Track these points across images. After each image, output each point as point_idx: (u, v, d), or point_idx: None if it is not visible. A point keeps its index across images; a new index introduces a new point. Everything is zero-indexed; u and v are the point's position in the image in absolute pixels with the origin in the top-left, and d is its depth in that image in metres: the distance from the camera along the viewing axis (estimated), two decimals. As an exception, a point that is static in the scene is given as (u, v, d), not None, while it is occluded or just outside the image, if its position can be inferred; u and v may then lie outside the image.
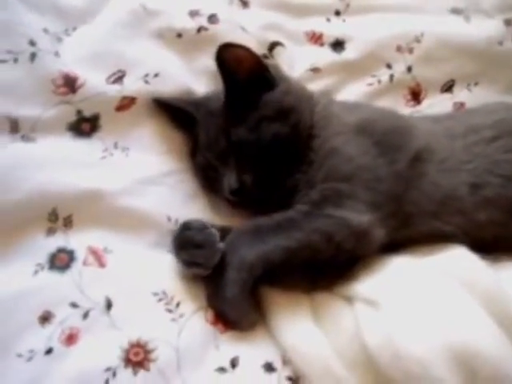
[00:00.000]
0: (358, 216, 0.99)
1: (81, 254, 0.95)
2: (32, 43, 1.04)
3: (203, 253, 0.96)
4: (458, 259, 0.97)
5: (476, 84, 1.34)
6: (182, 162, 1.12)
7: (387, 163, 1.04)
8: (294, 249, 0.96)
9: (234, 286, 0.93)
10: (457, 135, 1.10)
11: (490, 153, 1.07)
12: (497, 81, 1.35)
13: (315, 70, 1.27)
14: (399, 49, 1.31)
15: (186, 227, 1.00)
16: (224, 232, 1.01)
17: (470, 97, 1.33)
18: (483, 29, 1.36)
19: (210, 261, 0.96)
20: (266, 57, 1.24)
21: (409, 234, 1.04)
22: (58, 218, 0.97)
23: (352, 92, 1.29)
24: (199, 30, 1.19)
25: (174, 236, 1.00)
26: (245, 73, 1.06)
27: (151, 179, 1.07)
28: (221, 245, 0.97)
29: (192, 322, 0.94)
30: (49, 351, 0.85)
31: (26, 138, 1.00)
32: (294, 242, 0.96)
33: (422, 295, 0.92)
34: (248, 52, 1.05)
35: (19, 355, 0.84)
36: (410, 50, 1.31)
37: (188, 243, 0.98)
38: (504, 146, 1.07)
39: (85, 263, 0.95)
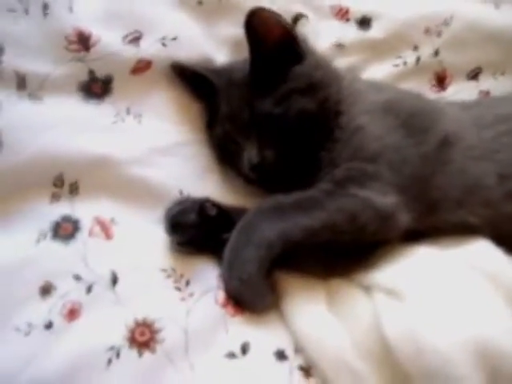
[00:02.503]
0: (384, 197, 0.94)
1: (86, 223, 0.90)
2: None
3: (195, 233, 0.95)
4: (483, 252, 0.93)
5: (502, 73, 1.31)
6: (197, 133, 1.07)
7: (414, 145, 1.00)
8: (315, 228, 0.91)
9: (251, 263, 0.88)
10: (485, 124, 1.06)
11: None
12: (524, 71, 1.32)
13: (339, 46, 1.22)
14: (427, 31, 1.26)
15: (179, 208, 0.97)
16: (238, 212, 0.97)
17: (495, 86, 1.30)
18: (512, 17, 1.33)
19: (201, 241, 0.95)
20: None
21: (433, 222, 0.99)
22: (63, 183, 0.92)
23: (376, 72, 1.24)
24: (221, -3, 1.13)
25: (163, 215, 0.97)
26: (274, 41, 1.01)
27: (164, 149, 1.02)
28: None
29: (202, 302, 0.89)
30: (48, 326, 0.79)
31: (33, 97, 0.94)
32: (316, 221, 0.91)
33: (445, 288, 0.87)
34: (280, 20, 1.01)
35: (17, 329, 0.78)
36: (439, 33, 1.26)
37: (176, 223, 0.95)
38: None
39: (90, 234, 0.90)
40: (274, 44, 1.01)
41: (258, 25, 0.99)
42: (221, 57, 1.14)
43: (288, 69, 1.03)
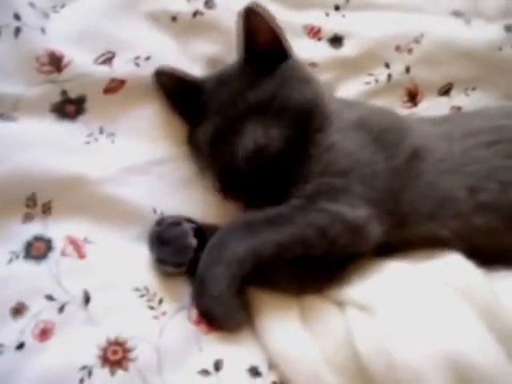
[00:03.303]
0: (354, 210, 0.96)
1: (59, 243, 0.90)
2: (17, 17, 0.98)
3: (173, 250, 0.94)
4: (455, 266, 0.95)
5: (474, 89, 1.32)
6: (171, 151, 1.07)
7: (385, 159, 1.02)
8: (286, 243, 0.92)
9: (222, 281, 0.89)
10: (455, 138, 1.08)
11: (489, 157, 1.05)
12: (495, 87, 1.33)
13: (312, 65, 1.23)
14: (398, 48, 1.28)
15: (160, 228, 0.97)
16: (209, 229, 0.98)
17: (467, 101, 1.31)
18: (483, 33, 1.34)
19: (180, 258, 0.94)
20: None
21: (404, 235, 1.01)
22: (36, 203, 0.92)
23: (349, 90, 1.25)
24: (195, 14, 1.13)
25: (149, 236, 0.97)
26: (265, 39, 1.05)
27: (137, 168, 1.01)
28: (193, 241, 0.94)
29: (174, 320, 0.89)
30: (20, 346, 0.79)
31: (6, 117, 0.95)
32: (286, 236, 0.92)
33: (417, 302, 0.89)
34: (273, 20, 1.05)
35: (-13, 349, 0.78)
36: (410, 51, 1.28)
37: (160, 241, 0.95)
38: (503, 151, 1.05)
39: (63, 253, 0.89)
40: (265, 41, 1.05)
41: (253, 22, 1.03)
42: (196, 73, 1.13)
43: (276, 65, 1.06)
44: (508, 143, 1.06)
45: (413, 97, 1.29)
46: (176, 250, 0.94)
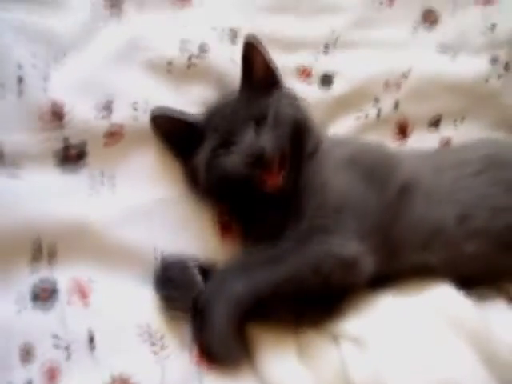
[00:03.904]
0: (346, 246, 0.99)
1: (64, 286, 0.94)
2: (20, 67, 1.02)
3: (179, 287, 0.97)
4: (445, 298, 0.98)
5: (462, 120, 1.36)
6: (170, 191, 1.09)
7: (376, 194, 1.05)
8: (282, 282, 0.95)
9: (220, 320, 0.92)
10: (443, 169, 1.12)
11: (477, 186, 1.08)
12: (482, 117, 1.37)
13: (304, 104, 1.28)
14: (387, 84, 1.31)
15: (166, 267, 1.00)
16: (210, 268, 1.01)
17: (456, 132, 1.35)
18: (470, 66, 1.37)
19: (186, 295, 0.97)
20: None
21: (396, 266, 1.04)
22: (42, 248, 0.95)
23: (340, 126, 1.29)
24: (190, 61, 1.17)
25: (155, 274, 1.00)
26: (261, 68, 1.13)
27: (138, 210, 1.05)
28: (200, 283, 0.97)
29: (176, 360, 0.93)
30: (30, 388, 0.83)
31: (11, 168, 0.98)
32: (281, 274, 0.95)
33: (408, 335, 0.92)
34: (267, 52, 1.14)
35: (-1, 390, 0.82)
36: (398, 86, 1.32)
37: (166, 280, 0.98)
38: (490, 179, 1.09)
39: (68, 296, 0.93)
40: (261, 69, 1.12)
41: (251, 51, 1.11)
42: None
43: (270, 92, 1.11)
44: (494, 171, 1.10)
45: (403, 130, 1.32)
46: (182, 287, 0.97)
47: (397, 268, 1.04)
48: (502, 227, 1.05)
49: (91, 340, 0.89)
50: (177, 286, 0.97)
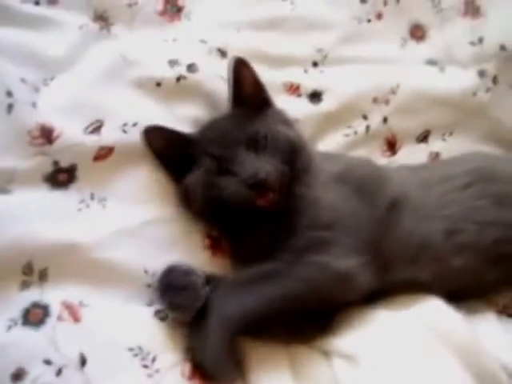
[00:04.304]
0: (343, 261, 1.00)
1: (55, 308, 0.94)
2: (9, 94, 1.03)
3: (186, 296, 0.97)
4: (435, 312, 0.98)
5: (451, 134, 1.37)
6: (160, 211, 1.10)
7: (366, 210, 1.06)
8: (278, 300, 0.96)
9: (215, 340, 0.92)
10: (432, 184, 1.13)
11: (464, 200, 1.10)
12: (471, 131, 1.38)
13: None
14: (375, 100, 1.33)
15: (171, 271, 1.00)
16: (208, 279, 1.01)
17: (444, 147, 1.36)
18: (458, 80, 1.39)
19: (193, 304, 0.97)
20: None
21: (388, 281, 1.04)
22: (32, 271, 0.95)
23: (329, 142, 1.30)
24: (178, 78, 1.18)
25: (158, 279, 1.00)
26: (250, 87, 1.15)
27: (128, 231, 1.05)
28: (205, 289, 0.98)
29: (168, 377, 0.93)
30: (21, 412, 0.83)
31: (1, 190, 0.98)
32: (278, 292, 0.96)
33: (399, 350, 0.92)
34: (255, 72, 1.16)
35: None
36: (386, 102, 1.33)
37: (172, 287, 0.98)
38: (478, 192, 1.10)
39: (59, 318, 0.93)
40: (250, 87, 1.14)
41: (240, 70, 1.13)
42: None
43: (260, 111, 1.13)
44: (482, 185, 1.11)
45: (392, 146, 1.34)
46: (190, 296, 0.97)
47: (388, 283, 1.05)
48: (489, 241, 1.06)
49: (83, 363, 0.89)
50: (180, 292, 0.97)
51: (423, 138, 1.36)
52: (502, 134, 1.40)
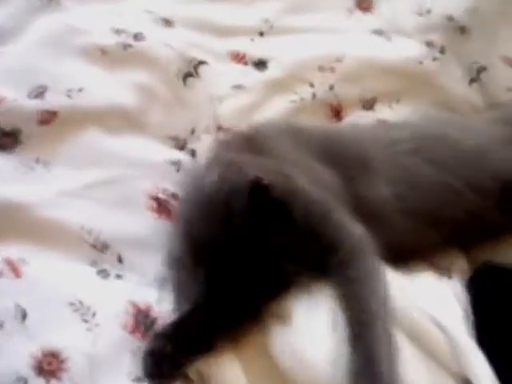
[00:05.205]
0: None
1: (-3, 265, 0.96)
2: None
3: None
4: None
5: (398, 102, 1.39)
6: (103, 174, 1.12)
7: (338, 177, 1.07)
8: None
9: None
10: (379, 147, 1.14)
11: (408, 164, 1.11)
12: (418, 99, 1.40)
13: (239, 87, 1.32)
14: (321, 68, 1.35)
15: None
16: None
17: (391, 114, 1.37)
18: (404, 49, 1.42)
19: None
20: (190, 74, 1.29)
21: None
22: None
23: (275, 109, 1.32)
24: (124, 46, 1.22)
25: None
26: None
27: (71, 192, 1.07)
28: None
29: (108, 330, 0.95)
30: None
31: None
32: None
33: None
34: None
35: None
36: (332, 70, 1.35)
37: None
38: (421, 156, 1.12)
39: (0, 274, 0.95)
40: None
41: None
42: (128, 100, 1.21)
43: None
44: (426, 152, 1.12)
45: (337, 113, 1.35)
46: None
47: None
48: (432, 205, 1.08)
49: (23, 316, 0.91)
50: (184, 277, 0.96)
51: (370, 105, 1.38)
52: (450, 101, 1.42)
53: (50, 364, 0.87)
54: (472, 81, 1.44)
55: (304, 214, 0.95)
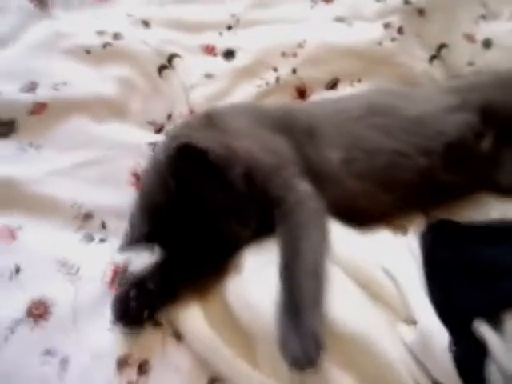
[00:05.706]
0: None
1: (-5, 232, 1.13)
2: None
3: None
4: None
5: (359, 81, 1.49)
6: (89, 155, 1.27)
7: (288, 141, 1.17)
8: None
9: None
10: (331, 115, 1.23)
11: (356, 131, 1.18)
12: (379, 77, 1.50)
13: (209, 76, 1.46)
14: (284, 54, 1.48)
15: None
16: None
17: (354, 92, 1.46)
18: (364, 32, 1.52)
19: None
20: (165, 67, 1.44)
21: None
22: None
23: (243, 93, 1.45)
24: (105, 45, 1.39)
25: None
26: None
27: (61, 171, 1.23)
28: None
29: (89, 284, 1.09)
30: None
31: None
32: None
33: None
34: None
35: None
36: (294, 55, 1.48)
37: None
38: (369, 124, 1.19)
39: (-3, 239, 1.12)
40: None
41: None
42: (110, 91, 1.37)
43: None
44: (372, 117, 1.20)
45: (302, 93, 1.47)
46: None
47: None
48: (379, 168, 1.15)
49: (17, 271, 1.07)
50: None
51: (332, 85, 1.48)
52: (411, 78, 1.51)
53: (37, 309, 1.03)
54: (433, 57, 1.53)
55: (246, 174, 1.07)
